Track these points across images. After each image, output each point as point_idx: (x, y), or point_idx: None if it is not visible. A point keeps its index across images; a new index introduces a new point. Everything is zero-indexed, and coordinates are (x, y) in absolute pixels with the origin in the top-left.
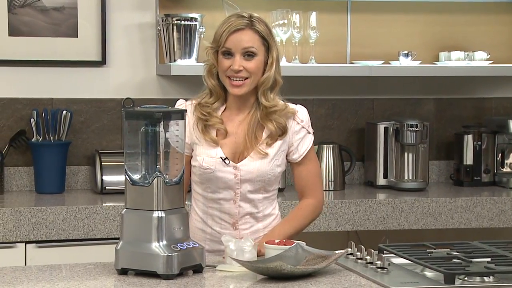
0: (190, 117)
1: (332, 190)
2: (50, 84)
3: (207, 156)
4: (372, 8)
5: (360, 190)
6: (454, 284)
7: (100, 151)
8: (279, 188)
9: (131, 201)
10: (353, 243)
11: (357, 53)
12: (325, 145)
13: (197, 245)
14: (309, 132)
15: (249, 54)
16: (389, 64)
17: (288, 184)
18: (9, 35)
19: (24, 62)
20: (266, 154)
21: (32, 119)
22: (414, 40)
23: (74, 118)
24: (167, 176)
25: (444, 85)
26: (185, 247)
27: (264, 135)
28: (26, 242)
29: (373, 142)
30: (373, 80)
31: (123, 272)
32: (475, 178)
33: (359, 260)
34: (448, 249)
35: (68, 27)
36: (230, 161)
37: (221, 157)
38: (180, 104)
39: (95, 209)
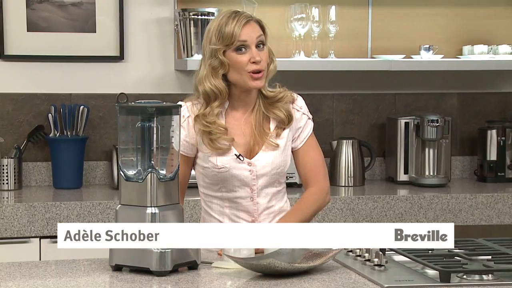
0: (190, 118)
1: (351, 186)
2: (68, 80)
3: (220, 156)
4: (394, 1)
5: (380, 186)
6: (449, 282)
7: (117, 147)
8: (296, 183)
9: (125, 197)
10: None
11: (378, 47)
12: (345, 141)
13: None
14: (309, 118)
15: (260, 44)
16: (411, 58)
17: None
18: (27, 31)
19: (43, 57)
20: (277, 145)
21: (50, 115)
22: (437, 34)
23: (92, 114)
24: (161, 172)
25: (467, 80)
26: None
27: (272, 126)
28: (41, 237)
29: (394, 137)
30: (394, 74)
31: (118, 268)
32: (498, 174)
33: (358, 258)
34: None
35: (86, 23)
36: (245, 158)
37: (235, 154)
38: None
39: (109, 205)
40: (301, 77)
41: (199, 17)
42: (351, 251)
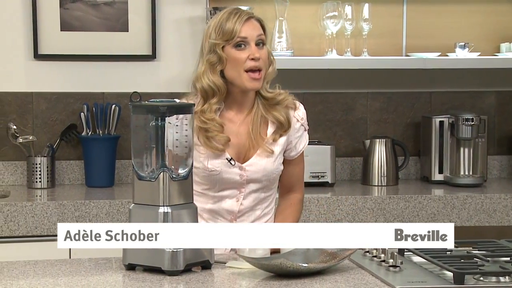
0: None
1: (384, 186)
2: (101, 79)
3: (212, 158)
4: None
5: (414, 186)
6: (463, 284)
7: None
8: (328, 183)
9: (138, 196)
10: None
11: (413, 45)
12: (378, 140)
13: None
14: (305, 130)
15: (260, 43)
16: (446, 56)
17: (339, 179)
18: (61, 30)
19: (76, 57)
20: (272, 151)
21: (82, 113)
22: (474, 31)
23: (124, 112)
24: (174, 171)
25: (505, 78)
26: None
27: (269, 131)
28: None
29: (428, 136)
30: (430, 72)
31: (131, 267)
32: None
33: (374, 258)
34: (470, 248)
35: (119, 22)
36: (236, 162)
37: (226, 158)
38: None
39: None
40: (334, 76)
41: None
42: (368, 251)
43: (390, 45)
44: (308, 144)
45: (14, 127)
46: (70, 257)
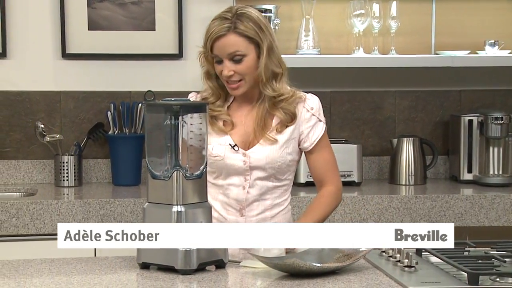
0: None
1: (412, 185)
2: (128, 77)
3: (217, 144)
4: None
5: (442, 185)
6: (478, 285)
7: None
8: (355, 182)
9: (152, 195)
10: None
11: (442, 43)
12: (405, 138)
13: None
14: (320, 120)
15: (236, 59)
16: (476, 54)
17: (366, 178)
18: (88, 29)
19: (103, 55)
20: (276, 140)
21: (109, 112)
22: (504, 29)
23: None
24: (188, 170)
25: None
26: None
27: (274, 122)
28: None
29: (457, 135)
30: (459, 70)
31: (145, 266)
32: None
33: (390, 259)
34: (489, 248)
35: (145, 21)
36: (240, 148)
37: (230, 144)
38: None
39: None
40: (361, 74)
41: None
42: (384, 251)
43: (418, 43)
44: (335, 143)
45: (42, 125)
46: (95, 255)
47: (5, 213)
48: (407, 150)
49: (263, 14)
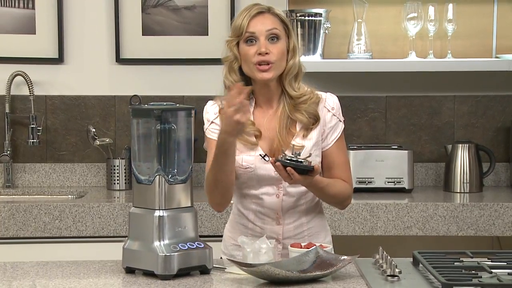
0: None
1: (467, 192)
2: (181, 82)
3: (246, 155)
4: None
5: (500, 194)
6: None
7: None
8: (405, 189)
9: (137, 199)
10: (380, 248)
11: (504, 46)
12: (460, 145)
13: (202, 246)
14: (340, 120)
15: (273, 37)
16: None
17: (422, 185)
18: (142, 35)
19: (156, 60)
20: (303, 146)
21: None
22: None
23: (200, 115)
24: (172, 175)
25: None
26: (186, 248)
27: (298, 127)
28: None
29: None
30: None
31: (130, 271)
32: None
33: (378, 267)
34: (486, 258)
35: (199, 26)
36: (270, 158)
37: (260, 155)
38: (212, 105)
39: (201, 206)
40: (418, 79)
41: (306, 18)
42: (376, 260)
43: (477, 46)
44: (386, 149)
45: (94, 130)
46: None
47: (49, 215)
48: (462, 157)
49: (313, 18)
